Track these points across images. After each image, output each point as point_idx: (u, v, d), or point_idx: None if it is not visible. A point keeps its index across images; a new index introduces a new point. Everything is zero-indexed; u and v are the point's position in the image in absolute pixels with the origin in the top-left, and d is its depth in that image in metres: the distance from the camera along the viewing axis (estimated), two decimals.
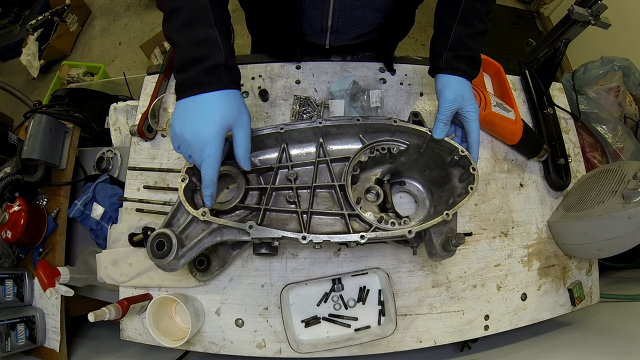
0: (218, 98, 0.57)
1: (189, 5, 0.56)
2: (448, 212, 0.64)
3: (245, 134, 0.60)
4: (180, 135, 0.58)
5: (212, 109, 0.57)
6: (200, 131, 0.56)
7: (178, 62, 0.58)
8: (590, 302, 0.93)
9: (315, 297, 0.82)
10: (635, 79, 1.29)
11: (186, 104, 0.58)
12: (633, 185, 0.76)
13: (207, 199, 0.61)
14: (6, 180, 0.91)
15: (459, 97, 0.69)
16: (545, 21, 2.79)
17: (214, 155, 0.57)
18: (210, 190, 0.60)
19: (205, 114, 0.56)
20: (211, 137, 0.56)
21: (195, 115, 0.57)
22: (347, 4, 0.78)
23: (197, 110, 0.57)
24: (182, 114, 0.58)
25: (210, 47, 0.57)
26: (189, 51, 0.57)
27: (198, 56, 0.56)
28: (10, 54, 2.97)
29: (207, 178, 0.58)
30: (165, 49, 2.55)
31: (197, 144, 0.56)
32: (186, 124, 0.57)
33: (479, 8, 0.72)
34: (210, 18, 0.57)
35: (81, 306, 1.02)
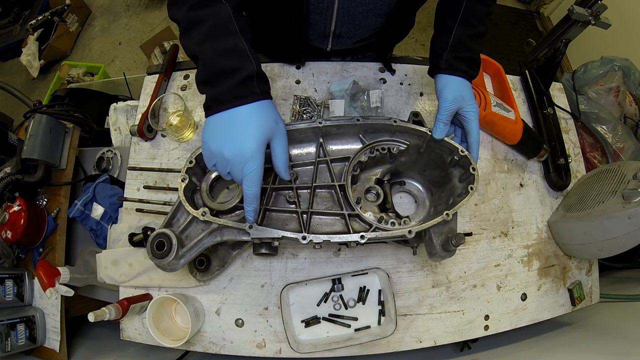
0: (256, 110, 0.55)
1: (211, 16, 0.54)
2: (448, 212, 0.64)
3: (284, 144, 0.58)
4: (217, 153, 0.55)
5: (251, 122, 0.54)
6: (242, 147, 0.53)
7: (204, 75, 0.56)
8: (590, 302, 0.93)
9: (315, 297, 0.82)
10: (635, 79, 1.29)
11: (221, 119, 0.55)
12: (633, 185, 0.76)
13: (251, 214, 0.59)
14: (6, 180, 0.91)
15: (459, 97, 0.69)
16: (545, 21, 2.79)
17: (256, 171, 0.54)
18: (254, 206, 0.58)
19: (245, 128, 0.54)
20: (253, 152, 0.54)
21: (234, 131, 0.54)
22: (351, 10, 0.78)
23: (235, 125, 0.54)
24: (217, 131, 0.55)
25: (239, 57, 0.54)
26: (216, 63, 0.54)
27: (228, 68, 0.54)
28: (10, 54, 2.97)
29: (251, 194, 0.56)
30: (165, 49, 2.55)
31: (239, 161, 0.54)
32: (223, 141, 0.54)
33: (480, 9, 0.72)
34: (235, 27, 0.55)
35: (81, 306, 1.02)
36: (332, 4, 0.76)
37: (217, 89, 0.55)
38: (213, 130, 0.56)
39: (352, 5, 0.76)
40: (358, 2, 0.76)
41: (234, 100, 0.54)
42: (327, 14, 0.79)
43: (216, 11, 0.54)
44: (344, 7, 0.77)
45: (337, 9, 0.77)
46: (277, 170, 0.60)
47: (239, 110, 0.54)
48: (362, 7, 0.77)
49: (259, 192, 0.56)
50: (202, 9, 0.55)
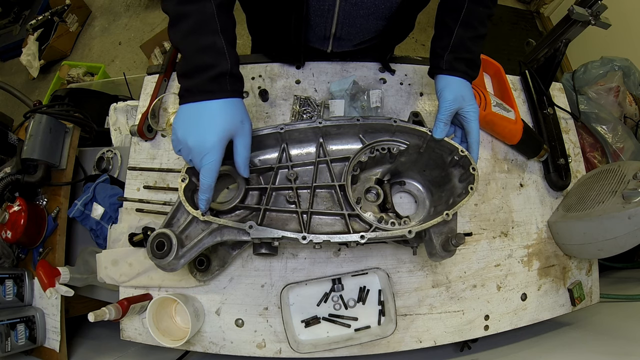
0: (222, 107, 0.58)
1: (195, 12, 0.56)
2: (448, 212, 0.64)
3: (246, 143, 0.61)
4: (182, 140, 0.58)
5: (215, 117, 0.57)
6: (203, 139, 0.57)
7: (184, 68, 0.59)
8: (590, 302, 0.93)
9: (315, 297, 0.82)
10: (635, 79, 1.29)
11: (190, 109, 0.58)
12: (633, 185, 0.76)
13: (202, 203, 0.61)
14: (6, 180, 0.91)
15: (459, 97, 0.69)
16: (545, 21, 2.79)
17: (214, 163, 0.57)
18: (207, 195, 0.60)
19: (209, 122, 0.57)
20: (213, 145, 0.57)
21: (199, 122, 0.57)
22: (351, 13, 0.78)
23: (201, 117, 0.57)
24: (185, 119, 0.58)
25: (216, 55, 0.57)
26: (194, 58, 0.57)
27: (204, 64, 0.57)
28: (10, 54, 2.97)
29: (205, 183, 0.59)
30: (165, 49, 2.55)
31: (199, 151, 0.57)
32: (189, 129, 0.58)
33: (481, 11, 0.72)
34: (216, 25, 0.57)
35: (81, 306, 1.02)
36: (333, 6, 0.76)
37: (191, 81, 0.58)
38: (182, 118, 0.59)
39: (353, 8, 0.76)
40: (359, 5, 0.75)
41: (204, 94, 0.57)
42: (327, 16, 0.79)
43: (201, 8, 0.57)
44: (345, 9, 0.77)
45: (338, 11, 0.77)
46: (237, 167, 0.63)
47: (207, 104, 0.57)
48: (364, 11, 0.77)
49: (213, 183, 0.59)
50: (189, 4, 0.57)
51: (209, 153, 0.57)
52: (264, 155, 0.74)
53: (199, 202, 0.62)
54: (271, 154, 0.73)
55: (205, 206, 0.62)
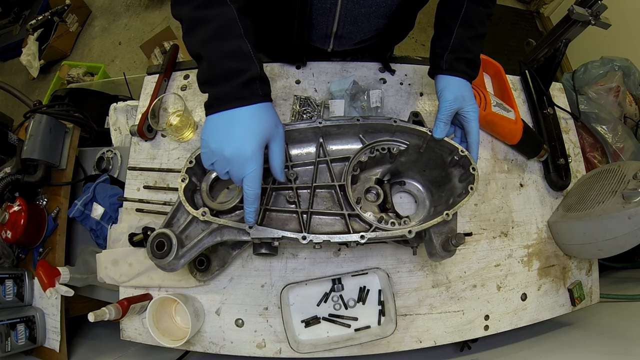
0: (256, 112, 0.56)
1: (217, 17, 0.54)
2: (448, 212, 0.64)
3: (282, 147, 0.60)
4: (217, 151, 0.55)
5: (251, 123, 0.55)
6: (242, 147, 0.54)
7: (207, 75, 0.56)
8: (590, 302, 0.93)
9: (315, 297, 0.82)
10: (635, 79, 1.29)
11: (222, 118, 0.55)
12: (633, 185, 0.76)
13: (251, 215, 0.59)
14: (6, 180, 0.91)
15: (459, 97, 0.69)
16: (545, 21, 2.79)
17: (257, 171, 0.55)
18: (254, 206, 0.58)
19: (246, 129, 0.54)
20: (253, 152, 0.54)
21: (234, 131, 0.54)
22: (353, 11, 0.78)
23: (236, 125, 0.55)
24: (217, 130, 0.55)
25: (243, 60, 0.55)
26: (221, 65, 0.55)
27: (232, 70, 0.54)
28: (10, 54, 2.97)
29: (252, 194, 0.56)
30: (165, 49, 2.55)
31: (238, 161, 0.54)
32: (224, 140, 0.55)
33: (481, 11, 0.72)
34: (239, 29, 0.55)
35: (81, 306, 1.02)
36: (335, 5, 0.76)
37: (220, 89, 0.55)
38: (213, 129, 0.56)
39: (355, 6, 0.76)
40: (361, 3, 0.76)
41: (236, 101, 0.55)
42: (329, 15, 0.79)
43: (222, 12, 0.54)
44: (347, 8, 0.77)
45: (340, 10, 0.77)
46: (273, 172, 0.61)
47: (240, 110, 0.55)
48: (365, 9, 0.77)
49: (259, 192, 0.57)
50: (207, 9, 0.55)
51: (250, 161, 0.54)
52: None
53: (247, 215, 0.59)
54: None
55: (254, 218, 0.59)
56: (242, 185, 0.57)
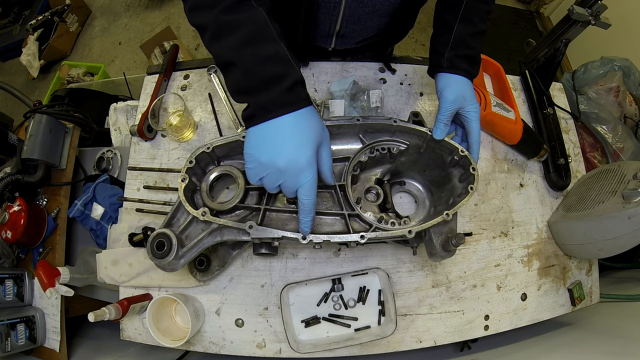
0: (304, 117, 0.52)
1: (248, 21, 0.51)
2: (448, 212, 0.63)
3: (329, 150, 0.57)
4: (269, 164, 0.51)
5: (303, 130, 0.52)
6: (296, 157, 0.51)
7: (244, 84, 0.52)
8: (590, 302, 0.93)
9: (315, 297, 0.82)
10: (635, 79, 1.29)
11: (269, 128, 0.51)
12: (633, 185, 0.76)
13: (307, 225, 0.57)
14: (6, 180, 0.91)
15: (459, 97, 0.69)
16: (545, 21, 2.79)
17: (313, 178, 0.52)
18: (312, 215, 0.56)
19: (298, 137, 0.51)
20: (309, 160, 0.51)
21: (287, 140, 0.51)
22: (357, 10, 0.78)
23: (287, 134, 0.51)
24: (267, 141, 0.52)
25: (283, 63, 0.51)
26: (259, 70, 0.51)
27: (273, 75, 0.51)
28: (10, 54, 2.97)
29: (309, 203, 0.54)
30: (165, 49, 2.55)
31: (293, 171, 0.51)
32: (277, 151, 0.51)
33: (481, 7, 0.72)
34: (273, 32, 0.52)
35: (81, 306, 1.02)
36: (339, 4, 0.76)
37: (263, 96, 0.51)
38: (261, 140, 0.52)
39: (358, 5, 0.76)
40: (365, 2, 0.75)
41: (282, 108, 0.51)
42: (333, 14, 0.79)
43: (252, 15, 0.51)
44: (351, 7, 0.77)
45: (344, 9, 0.77)
46: (323, 177, 0.58)
47: (288, 117, 0.51)
48: (369, 8, 0.77)
49: (315, 199, 0.54)
50: (236, 13, 0.51)
51: (306, 170, 0.51)
52: None
53: (304, 225, 0.57)
54: None
55: (310, 227, 0.58)
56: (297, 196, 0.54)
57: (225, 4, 0.51)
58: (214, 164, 0.71)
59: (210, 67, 0.96)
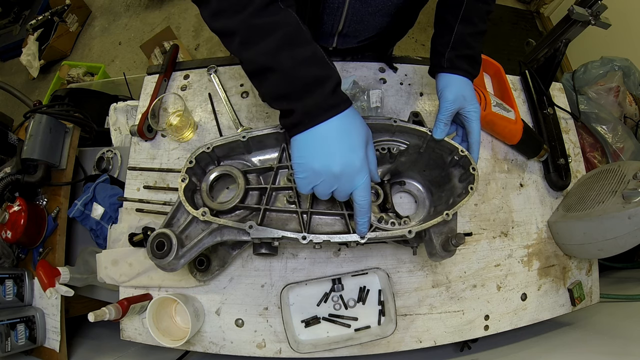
0: (351, 118, 0.51)
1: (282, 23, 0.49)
2: (448, 212, 0.63)
3: (373, 147, 0.56)
4: (323, 171, 0.50)
5: (351, 131, 0.50)
6: (351, 160, 0.50)
7: (285, 89, 0.50)
8: (590, 302, 0.93)
9: (315, 297, 0.82)
10: (635, 79, 1.29)
11: (318, 134, 0.50)
12: (633, 185, 0.76)
13: (365, 227, 0.57)
14: (6, 180, 0.91)
15: (460, 97, 0.69)
16: (545, 21, 2.79)
17: (368, 179, 0.52)
18: (368, 215, 0.55)
19: (348, 139, 0.50)
20: (362, 161, 0.51)
21: (339, 144, 0.50)
22: (360, 10, 0.78)
23: (338, 137, 0.50)
24: (318, 148, 0.50)
25: (322, 65, 0.50)
26: (300, 74, 0.48)
27: (315, 78, 0.49)
28: (10, 54, 2.97)
29: (366, 204, 0.53)
30: (165, 49, 2.55)
31: (349, 174, 0.50)
32: (330, 156, 0.49)
33: (481, 8, 0.72)
34: (307, 33, 0.50)
35: (81, 306, 1.02)
36: (343, 4, 0.76)
37: (307, 101, 0.49)
38: (312, 147, 0.50)
39: (362, 5, 0.76)
40: (368, 2, 0.76)
41: (328, 111, 0.49)
42: (336, 14, 0.79)
43: (285, 17, 0.49)
44: (355, 7, 0.77)
45: (347, 9, 0.77)
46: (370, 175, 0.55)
47: (335, 120, 0.50)
48: (372, 8, 0.78)
49: (371, 199, 0.54)
50: (268, 16, 0.49)
51: (361, 172, 0.51)
52: (264, 155, 0.73)
53: (362, 227, 0.56)
54: (271, 154, 0.73)
55: (367, 228, 0.57)
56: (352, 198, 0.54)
57: (254, 7, 0.48)
58: (214, 164, 0.71)
59: (210, 67, 0.97)
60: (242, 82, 0.96)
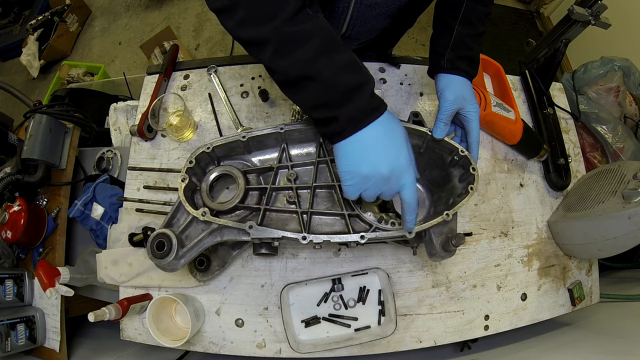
0: (390, 119, 0.52)
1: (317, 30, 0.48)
2: (448, 212, 0.63)
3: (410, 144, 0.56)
4: (372, 175, 0.51)
5: (394, 132, 0.52)
6: (398, 160, 0.51)
7: (327, 97, 0.49)
8: (590, 302, 0.93)
9: (315, 297, 0.82)
10: (635, 79, 1.29)
11: (364, 139, 0.50)
12: (633, 185, 0.76)
13: (413, 223, 0.57)
14: (6, 180, 0.91)
15: (459, 97, 0.69)
16: (545, 21, 2.79)
17: (414, 177, 0.52)
18: (415, 213, 0.56)
19: (392, 140, 0.51)
20: (408, 161, 0.52)
21: (386, 146, 0.51)
22: (364, 14, 0.79)
23: (384, 139, 0.51)
24: (365, 153, 0.51)
25: (360, 69, 0.50)
26: (341, 81, 0.48)
27: (356, 84, 0.49)
28: (10, 54, 2.97)
29: (414, 200, 0.54)
30: (165, 49, 2.55)
31: (397, 175, 0.51)
32: (378, 160, 0.50)
33: (480, 10, 0.73)
34: (340, 40, 0.50)
35: (81, 306, 1.02)
36: (347, 9, 0.77)
37: (350, 107, 0.49)
38: (358, 153, 0.51)
39: (366, 9, 0.77)
40: (373, 6, 0.76)
41: (371, 115, 0.50)
42: (340, 18, 0.80)
43: (318, 24, 0.48)
44: (359, 11, 0.78)
45: (351, 12, 0.78)
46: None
47: (377, 123, 0.50)
48: (376, 11, 0.78)
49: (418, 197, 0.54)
50: (300, 23, 0.47)
51: (407, 170, 0.52)
52: (264, 155, 0.74)
53: (408, 224, 0.57)
54: (271, 154, 0.73)
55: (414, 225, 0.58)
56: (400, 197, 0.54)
57: (286, 15, 0.46)
58: (214, 164, 0.71)
59: (210, 67, 0.97)
60: (242, 82, 0.96)
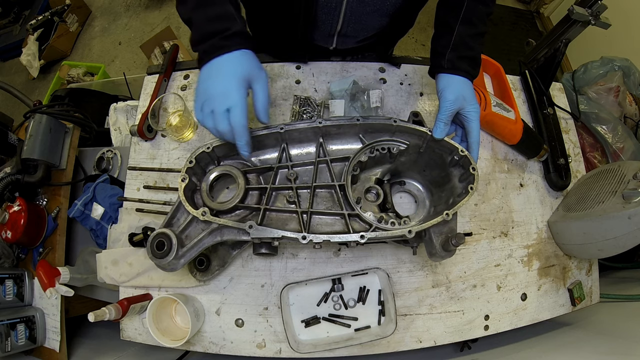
0: (237, 56, 0.62)
1: None
2: (448, 212, 0.63)
3: (264, 88, 0.64)
4: (204, 92, 0.61)
5: (233, 65, 0.61)
6: (224, 84, 0.60)
7: (197, 36, 0.63)
8: (590, 302, 0.93)
9: (315, 297, 0.82)
10: (635, 79, 1.29)
11: (209, 67, 0.62)
12: (633, 185, 0.76)
13: (244, 148, 0.63)
14: (6, 180, 0.91)
15: (460, 97, 0.69)
16: (545, 21, 2.79)
17: (240, 101, 0.59)
18: (245, 139, 0.62)
19: (228, 69, 0.61)
20: (235, 87, 0.60)
21: (219, 73, 0.61)
22: (358, 10, 0.79)
23: (220, 68, 0.61)
24: (207, 77, 0.62)
25: (227, 20, 0.62)
26: (207, 26, 0.62)
27: (217, 29, 0.61)
28: (10, 54, 2.97)
29: (239, 124, 0.60)
30: (165, 49, 2.55)
31: (223, 97, 0.60)
32: (211, 82, 0.61)
33: (481, 9, 0.73)
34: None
35: (81, 306, 1.02)
36: (340, 4, 0.76)
37: (206, 44, 0.62)
38: (203, 76, 0.63)
39: (359, 5, 0.77)
40: (366, 2, 0.76)
41: (219, 50, 0.61)
42: (334, 14, 0.80)
43: None
44: (352, 7, 0.77)
45: (345, 9, 0.78)
46: (256, 113, 0.65)
47: (223, 57, 0.61)
48: (370, 7, 0.78)
49: (246, 122, 0.61)
50: None
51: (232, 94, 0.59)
52: (264, 155, 0.74)
53: (240, 149, 0.63)
54: (271, 154, 0.73)
55: (248, 150, 0.63)
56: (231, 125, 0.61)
57: None
58: (214, 163, 0.71)
59: None
60: None
